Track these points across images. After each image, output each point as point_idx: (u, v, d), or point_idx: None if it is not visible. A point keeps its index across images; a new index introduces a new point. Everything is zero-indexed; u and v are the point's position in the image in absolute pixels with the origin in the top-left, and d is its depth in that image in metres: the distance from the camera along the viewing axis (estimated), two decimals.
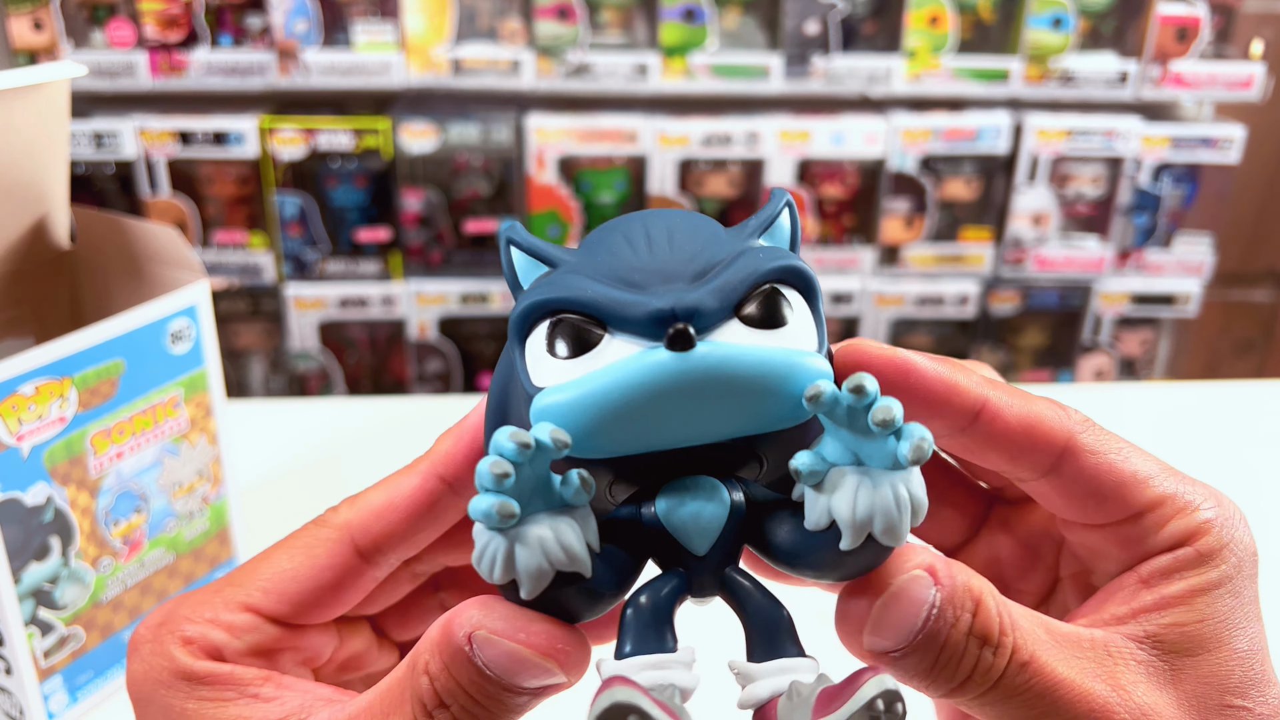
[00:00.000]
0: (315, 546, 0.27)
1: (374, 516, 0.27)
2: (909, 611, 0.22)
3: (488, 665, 0.21)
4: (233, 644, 0.25)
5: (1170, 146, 1.44)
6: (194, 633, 0.25)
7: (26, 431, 0.40)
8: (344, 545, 0.27)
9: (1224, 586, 0.25)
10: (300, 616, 0.27)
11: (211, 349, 0.48)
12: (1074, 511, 0.27)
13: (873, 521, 0.21)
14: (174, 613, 0.26)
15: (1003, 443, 0.26)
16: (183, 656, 0.25)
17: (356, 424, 0.70)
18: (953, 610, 0.22)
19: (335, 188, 1.43)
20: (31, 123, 0.45)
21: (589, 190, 1.45)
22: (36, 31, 1.34)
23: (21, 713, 0.43)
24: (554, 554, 0.21)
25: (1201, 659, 0.24)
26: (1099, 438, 0.26)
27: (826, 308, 1.61)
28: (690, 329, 0.21)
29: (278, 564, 0.27)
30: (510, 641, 0.21)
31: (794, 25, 1.39)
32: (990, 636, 0.22)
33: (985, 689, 0.22)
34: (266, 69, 1.35)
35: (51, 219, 0.49)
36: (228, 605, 0.26)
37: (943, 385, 0.25)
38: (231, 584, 0.26)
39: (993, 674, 0.22)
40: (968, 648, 0.22)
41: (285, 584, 0.26)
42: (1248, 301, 1.79)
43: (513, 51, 1.38)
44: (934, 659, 0.22)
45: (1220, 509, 0.26)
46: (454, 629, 0.22)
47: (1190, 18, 1.40)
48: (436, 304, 1.46)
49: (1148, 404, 0.76)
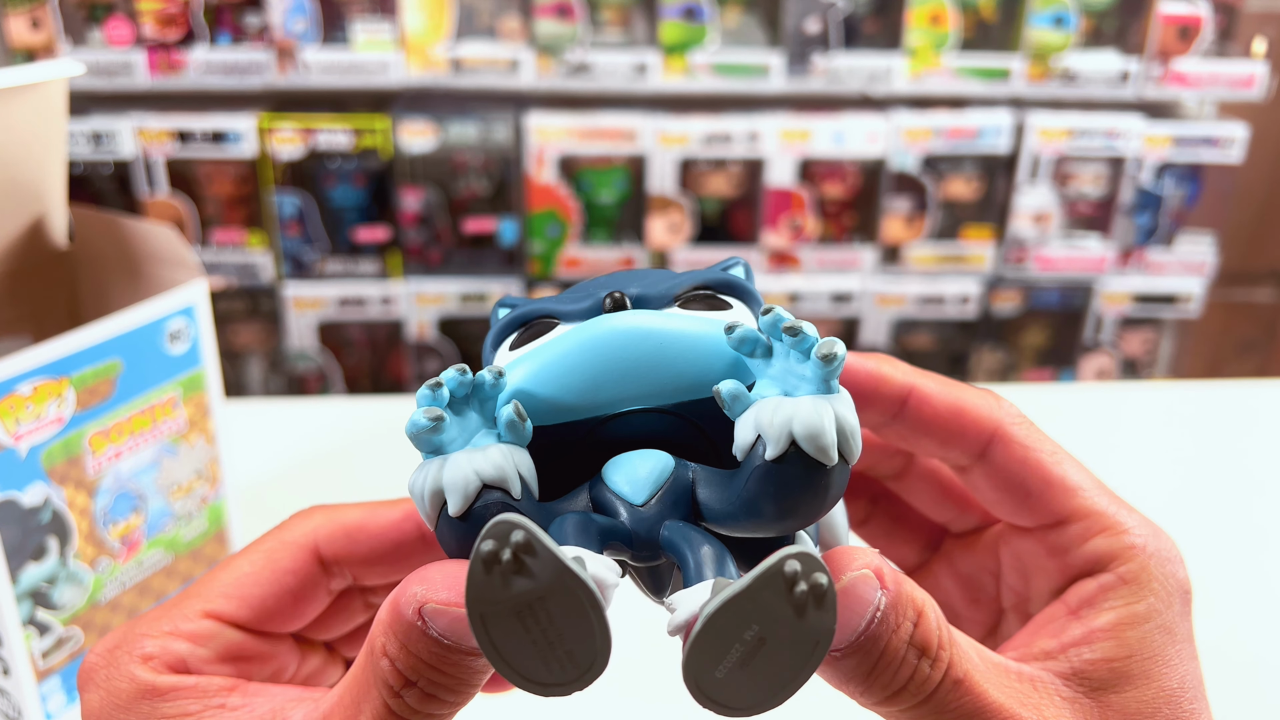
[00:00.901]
0: (278, 551, 0.26)
1: (344, 533, 0.27)
2: (854, 610, 0.22)
3: (444, 635, 0.21)
4: (198, 652, 0.25)
5: (1172, 146, 1.44)
6: (154, 648, 0.24)
7: (24, 432, 0.40)
8: (307, 552, 0.27)
9: (1153, 620, 0.25)
10: (262, 622, 0.26)
11: (209, 349, 0.48)
12: (1003, 505, 0.28)
13: (793, 423, 0.20)
14: (129, 634, 0.25)
15: (932, 427, 0.27)
16: (143, 673, 0.24)
17: (355, 424, 0.70)
18: (895, 616, 0.22)
19: (334, 187, 1.42)
20: (29, 122, 0.45)
21: (589, 189, 1.45)
22: (34, 30, 1.34)
23: (19, 713, 0.43)
24: (479, 464, 0.21)
25: (1128, 695, 0.24)
26: (1032, 434, 0.27)
27: (828, 307, 1.60)
28: (626, 298, 0.23)
29: (238, 569, 0.26)
30: (459, 608, 0.21)
31: (795, 24, 1.38)
32: (929, 648, 0.22)
33: (917, 701, 0.22)
34: (265, 68, 1.35)
35: (49, 218, 0.49)
36: (187, 615, 0.25)
37: (869, 376, 0.27)
38: (189, 595, 0.26)
39: (927, 687, 0.22)
40: (906, 656, 0.22)
41: (247, 588, 0.26)
42: (1250, 301, 1.79)
43: (512, 50, 1.37)
44: (873, 663, 0.22)
45: (1154, 540, 0.26)
46: (402, 606, 0.21)
47: (1192, 16, 1.40)
48: (435, 304, 1.46)
49: (1150, 404, 0.76)
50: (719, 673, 0.19)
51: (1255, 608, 0.53)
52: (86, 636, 0.44)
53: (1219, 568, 0.54)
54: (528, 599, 0.18)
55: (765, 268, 1.47)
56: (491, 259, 1.46)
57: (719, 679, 0.19)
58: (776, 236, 1.45)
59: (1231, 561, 0.57)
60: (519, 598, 0.18)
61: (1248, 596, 0.54)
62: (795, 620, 0.19)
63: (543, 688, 0.19)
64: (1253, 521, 0.61)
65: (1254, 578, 0.56)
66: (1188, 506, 0.62)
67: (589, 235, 1.46)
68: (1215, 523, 0.61)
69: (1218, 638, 0.45)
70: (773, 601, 0.19)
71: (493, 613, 0.19)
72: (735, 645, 0.19)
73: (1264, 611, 0.53)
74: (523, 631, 0.19)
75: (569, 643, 0.19)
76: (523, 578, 0.18)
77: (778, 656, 0.19)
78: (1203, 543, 0.48)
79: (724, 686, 0.19)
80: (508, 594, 0.18)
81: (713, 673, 0.19)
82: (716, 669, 0.19)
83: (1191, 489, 0.64)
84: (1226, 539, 0.59)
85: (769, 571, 0.18)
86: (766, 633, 0.19)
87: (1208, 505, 0.63)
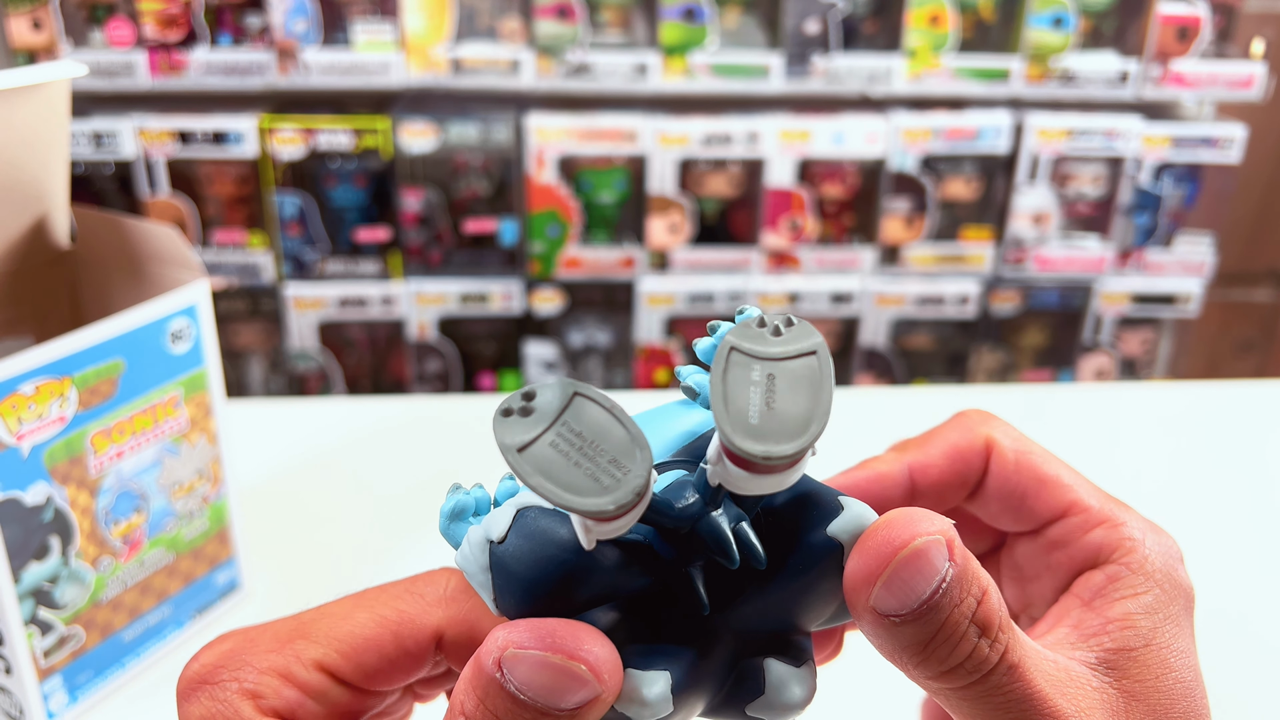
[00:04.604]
0: (404, 629, 0.26)
1: (465, 628, 0.26)
2: (923, 574, 0.21)
3: (522, 689, 0.21)
4: (308, 706, 0.24)
5: (1171, 146, 1.44)
6: (265, 687, 0.23)
7: (26, 431, 0.40)
8: (431, 640, 0.26)
9: (1161, 613, 0.25)
10: (370, 684, 0.26)
11: (211, 349, 0.48)
12: (1004, 514, 0.29)
13: None
14: (235, 657, 0.24)
15: (941, 489, 0.29)
16: (247, 711, 0.23)
17: (356, 424, 0.70)
18: (960, 590, 0.22)
19: (335, 187, 1.43)
20: (31, 122, 0.45)
21: (589, 190, 1.45)
22: (35, 31, 1.34)
23: (21, 712, 0.43)
24: (509, 504, 0.23)
25: (1149, 685, 0.24)
26: (1020, 440, 0.29)
27: (827, 308, 1.60)
28: None
29: (361, 627, 0.25)
30: (537, 650, 0.21)
31: (794, 24, 1.39)
32: (990, 628, 0.22)
33: (971, 681, 0.22)
34: (266, 68, 1.35)
35: (51, 219, 0.49)
36: (302, 662, 0.24)
37: (868, 483, 0.29)
38: (303, 636, 0.25)
39: (983, 667, 0.22)
40: (967, 632, 0.22)
41: (365, 656, 0.25)
42: (1249, 301, 1.79)
43: (512, 51, 1.37)
44: (932, 634, 0.22)
45: (1153, 535, 0.26)
46: (483, 658, 0.21)
47: (1191, 17, 1.40)
48: (436, 304, 1.46)
49: (1148, 404, 0.76)
50: (753, 419, 0.20)
51: (1255, 608, 0.53)
52: (88, 635, 0.45)
53: (1219, 568, 0.54)
54: (553, 422, 0.20)
55: (765, 268, 1.47)
56: (492, 259, 1.46)
57: (756, 425, 0.20)
58: (776, 237, 1.45)
59: (1231, 562, 0.57)
60: (545, 424, 0.20)
61: (1248, 597, 0.54)
62: (779, 341, 0.21)
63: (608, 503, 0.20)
64: (1252, 521, 0.62)
65: (1254, 578, 0.56)
66: (1187, 506, 0.62)
67: (589, 235, 1.46)
68: (1215, 523, 0.61)
69: (1219, 637, 0.45)
70: (749, 341, 0.21)
71: (528, 444, 0.20)
72: (750, 389, 0.20)
73: (1264, 611, 0.53)
74: (562, 458, 0.20)
75: (608, 450, 0.20)
76: (535, 412, 0.20)
77: (793, 378, 0.21)
78: (1202, 543, 0.48)
79: (765, 428, 0.20)
80: (532, 426, 0.20)
81: (749, 420, 0.20)
82: (750, 417, 0.20)
83: (1191, 489, 0.65)
84: (1226, 539, 0.59)
85: (734, 329, 0.21)
86: (769, 365, 0.21)
87: (1207, 505, 0.63)
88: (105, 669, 0.46)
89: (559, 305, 1.49)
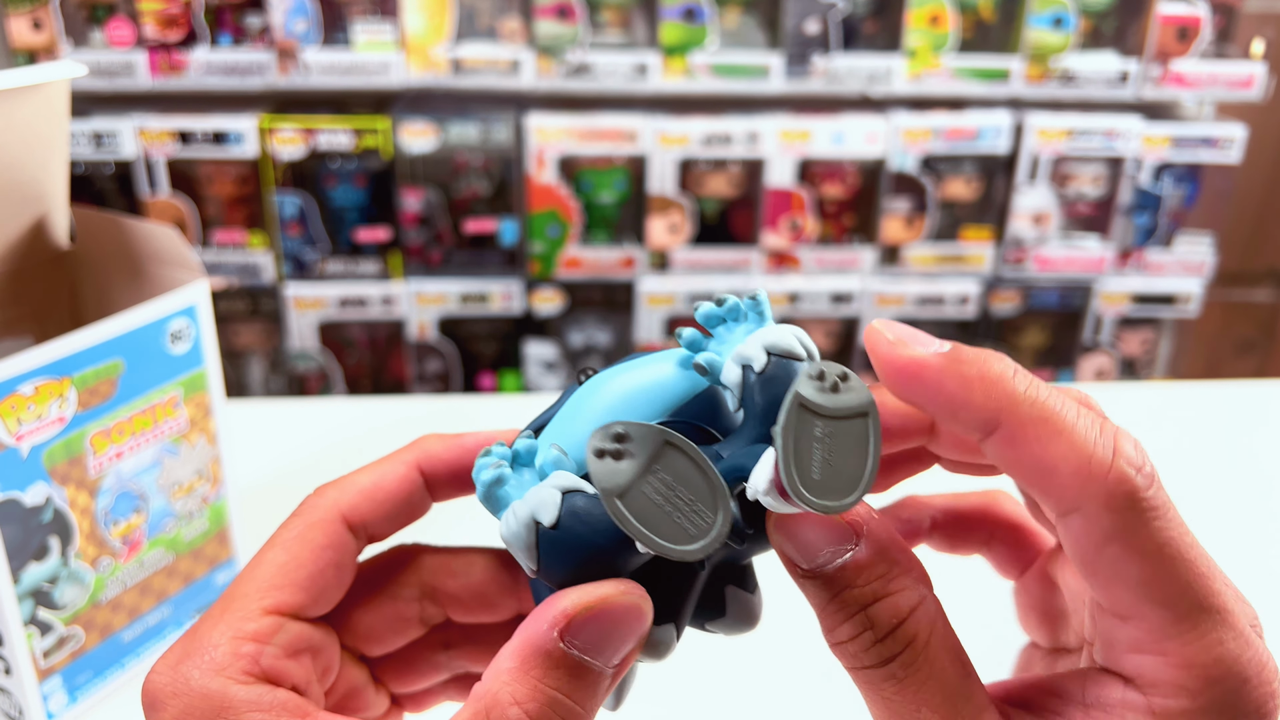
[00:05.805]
0: (309, 532, 0.27)
1: (363, 496, 0.28)
2: (815, 541, 0.23)
3: (585, 650, 0.22)
4: (267, 650, 0.24)
5: (1171, 146, 1.44)
6: (223, 656, 0.24)
7: (26, 431, 0.40)
8: (338, 524, 0.28)
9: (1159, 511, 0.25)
10: (316, 603, 0.27)
11: (211, 349, 0.48)
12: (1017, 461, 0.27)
13: (764, 341, 0.25)
14: (190, 646, 0.24)
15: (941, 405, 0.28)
16: (217, 685, 0.23)
17: (356, 424, 0.70)
18: (861, 575, 0.22)
19: (335, 187, 1.43)
20: (31, 122, 0.45)
21: (589, 190, 1.45)
22: (36, 31, 1.34)
23: (21, 713, 0.43)
24: (552, 483, 0.24)
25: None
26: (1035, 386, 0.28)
27: (827, 308, 1.60)
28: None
29: (275, 561, 0.26)
30: (598, 598, 0.22)
31: (794, 24, 1.39)
32: (881, 628, 0.22)
33: (856, 667, 0.23)
34: (266, 68, 1.35)
35: (51, 219, 0.49)
36: (246, 616, 0.25)
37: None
38: (237, 598, 0.25)
39: (863, 661, 0.23)
40: (855, 617, 0.23)
41: (293, 574, 0.26)
42: (1249, 301, 1.79)
43: (512, 51, 1.37)
44: (825, 601, 0.23)
45: None
46: (539, 638, 0.22)
47: (1191, 17, 1.40)
48: (436, 304, 1.46)
49: (1148, 404, 0.76)
50: (815, 473, 0.22)
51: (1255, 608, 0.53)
52: (88, 636, 0.45)
53: None
54: (645, 469, 0.22)
55: (765, 268, 1.47)
56: (492, 259, 1.46)
57: (818, 480, 0.22)
58: (776, 237, 1.45)
59: (1231, 562, 0.57)
60: (638, 471, 0.22)
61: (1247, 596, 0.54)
62: (838, 398, 0.22)
63: (697, 551, 0.22)
64: (1252, 521, 0.62)
65: (1254, 578, 0.56)
66: (1186, 507, 0.62)
67: (589, 235, 1.46)
68: (1215, 523, 0.61)
69: None
70: (815, 394, 0.22)
71: (625, 490, 0.22)
72: (814, 445, 0.22)
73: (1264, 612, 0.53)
74: (656, 508, 0.22)
75: (693, 498, 0.22)
76: (630, 456, 0.22)
77: (848, 437, 0.22)
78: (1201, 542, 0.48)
79: (825, 484, 0.22)
80: (627, 472, 0.22)
81: (811, 476, 0.22)
82: (812, 471, 0.22)
83: (1190, 489, 0.65)
84: (1226, 539, 0.59)
85: (799, 380, 0.22)
86: (829, 423, 0.22)
87: (1207, 505, 0.63)
88: (105, 669, 0.46)
89: (559, 305, 1.49)
